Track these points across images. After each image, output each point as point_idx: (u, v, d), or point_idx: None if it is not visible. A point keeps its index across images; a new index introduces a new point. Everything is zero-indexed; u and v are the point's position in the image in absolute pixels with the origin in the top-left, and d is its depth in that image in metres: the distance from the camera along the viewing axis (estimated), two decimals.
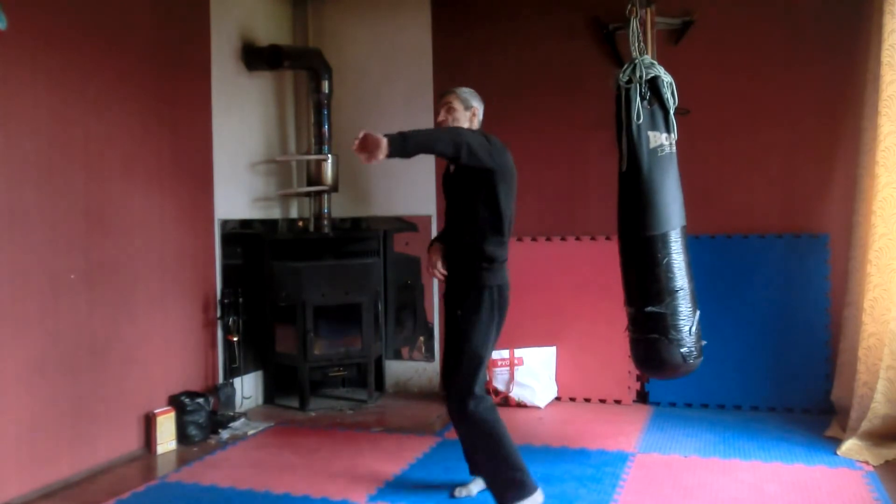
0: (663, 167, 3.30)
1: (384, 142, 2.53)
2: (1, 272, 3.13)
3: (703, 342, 3.39)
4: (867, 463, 3.40)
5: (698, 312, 3.34)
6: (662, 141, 3.30)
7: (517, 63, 4.81)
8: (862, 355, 3.59)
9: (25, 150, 3.24)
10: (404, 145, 2.60)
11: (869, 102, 3.76)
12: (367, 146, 2.54)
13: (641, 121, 3.26)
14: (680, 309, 3.27)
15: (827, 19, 4.21)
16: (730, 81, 4.39)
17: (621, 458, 3.58)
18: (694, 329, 3.30)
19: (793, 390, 4.26)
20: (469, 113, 3.07)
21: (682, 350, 3.26)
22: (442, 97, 3.11)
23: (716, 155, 4.43)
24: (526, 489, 2.88)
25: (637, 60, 3.33)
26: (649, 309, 3.27)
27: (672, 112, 3.33)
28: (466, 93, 3.10)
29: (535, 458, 3.59)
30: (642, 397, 4.56)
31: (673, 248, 3.30)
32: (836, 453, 3.53)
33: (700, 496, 3.12)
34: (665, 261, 3.28)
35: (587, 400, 4.64)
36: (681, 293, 3.27)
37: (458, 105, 3.05)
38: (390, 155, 2.56)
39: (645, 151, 3.27)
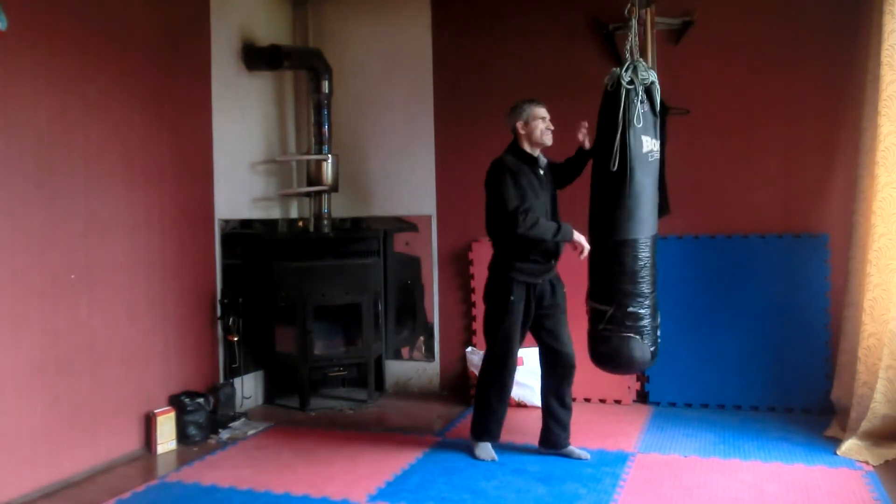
0: (651, 173, 3.33)
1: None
2: (1, 272, 3.13)
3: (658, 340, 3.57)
4: (867, 463, 3.40)
5: (659, 316, 3.48)
6: (653, 147, 3.33)
7: (517, 63, 4.80)
8: (862, 355, 3.59)
9: (25, 150, 3.24)
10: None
11: (869, 102, 3.76)
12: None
13: (641, 124, 3.27)
14: (651, 311, 3.38)
15: (827, 19, 4.21)
16: (729, 81, 4.39)
17: (621, 458, 3.58)
18: (659, 332, 3.47)
19: (793, 390, 4.26)
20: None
21: (651, 349, 3.39)
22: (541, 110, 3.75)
23: (716, 155, 4.43)
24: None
25: (638, 63, 3.34)
26: (631, 309, 3.34)
27: (659, 119, 3.36)
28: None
29: (535, 458, 3.61)
30: (642, 397, 4.56)
31: (650, 252, 3.37)
32: (836, 453, 3.53)
33: (700, 496, 3.12)
34: (643, 264, 3.34)
35: (587, 400, 4.63)
36: (652, 296, 3.38)
37: None
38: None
39: (637, 155, 3.28)
